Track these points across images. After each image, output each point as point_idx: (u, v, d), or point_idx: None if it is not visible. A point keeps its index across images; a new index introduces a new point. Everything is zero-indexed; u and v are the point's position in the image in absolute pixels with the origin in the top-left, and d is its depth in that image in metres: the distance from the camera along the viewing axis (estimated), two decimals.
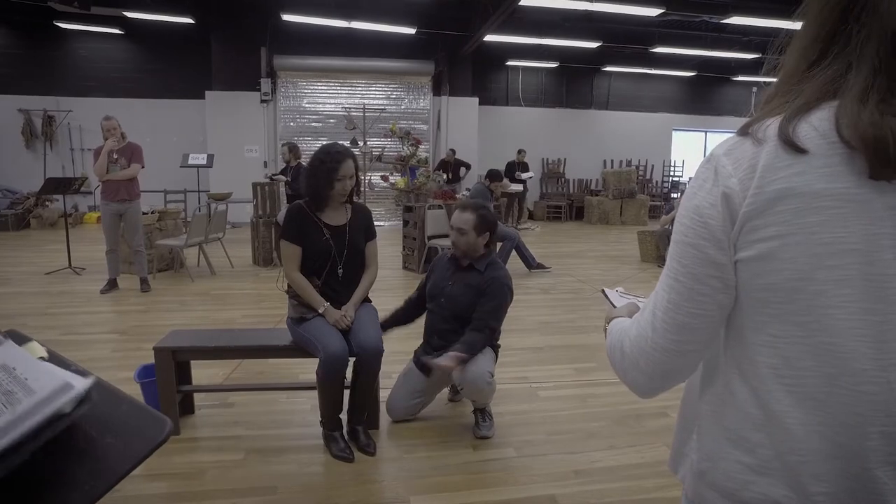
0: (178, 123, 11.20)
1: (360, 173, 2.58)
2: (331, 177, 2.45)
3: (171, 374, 2.56)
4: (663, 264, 4.86)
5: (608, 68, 13.10)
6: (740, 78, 13.93)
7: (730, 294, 0.72)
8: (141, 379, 2.74)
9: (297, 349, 2.55)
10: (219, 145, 10.54)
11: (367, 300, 2.70)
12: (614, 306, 1.06)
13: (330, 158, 2.46)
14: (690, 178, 0.87)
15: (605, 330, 0.96)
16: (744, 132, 0.73)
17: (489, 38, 10.07)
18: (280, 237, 2.55)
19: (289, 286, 2.61)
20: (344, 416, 2.57)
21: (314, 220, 2.54)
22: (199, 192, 9.60)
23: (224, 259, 6.64)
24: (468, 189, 9.03)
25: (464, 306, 2.62)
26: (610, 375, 3.50)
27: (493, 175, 6.43)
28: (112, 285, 5.47)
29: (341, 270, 2.55)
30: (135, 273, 5.63)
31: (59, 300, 5.15)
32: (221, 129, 10.74)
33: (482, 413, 2.71)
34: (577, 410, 3.02)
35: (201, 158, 9.20)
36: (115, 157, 5.17)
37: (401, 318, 2.86)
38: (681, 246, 0.74)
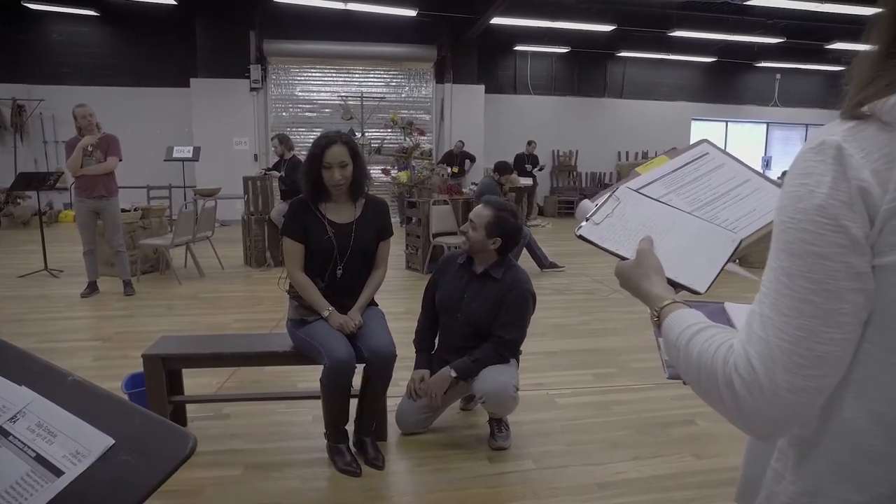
0: (160, 114, 11.18)
1: (362, 161, 2.53)
2: (317, 165, 2.42)
3: (161, 383, 2.55)
4: None
5: (623, 53, 13.08)
6: (763, 64, 13.92)
7: (869, 308, 0.65)
8: (129, 389, 2.73)
9: (299, 355, 2.54)
10: (205, 137, 10.52)
11: (373, 303, 2.69)
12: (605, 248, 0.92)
13: (316, 144, 2.44)
14: (785, 173, 0.80)
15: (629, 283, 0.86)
16: (857, 115, 0.66)
17: (496, 20, 10.06)
18: (281, 233, 2.54)
19: (290, 287, 2.59)
20: (350, 427, 2.56)
21: (317, 216, 2.52)
22: (184, 187, 9.58)
23: (213, 259, 6.63)
24: (474, 184, 9.03)
25: (485, 322, 2.58)
26: (632, 381, 3.50)
27: (501, 167, 6.43)
28: (92, 288, 5.46)
29: (340, 271, 2.53)
30: (117, 275, 5.62)
31: (35, 305, 5.15)
32: (208, 120, 10.73)
33: (499, 423, 2.70)
34: (599, 419, 3.02)
35: (186, 151, 9.19)
36: (90, 149, 5.16)
37: (430, 344, 2.83)
38: (806, 259, 0.64)
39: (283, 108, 11.36)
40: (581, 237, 0.97)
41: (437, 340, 2.84)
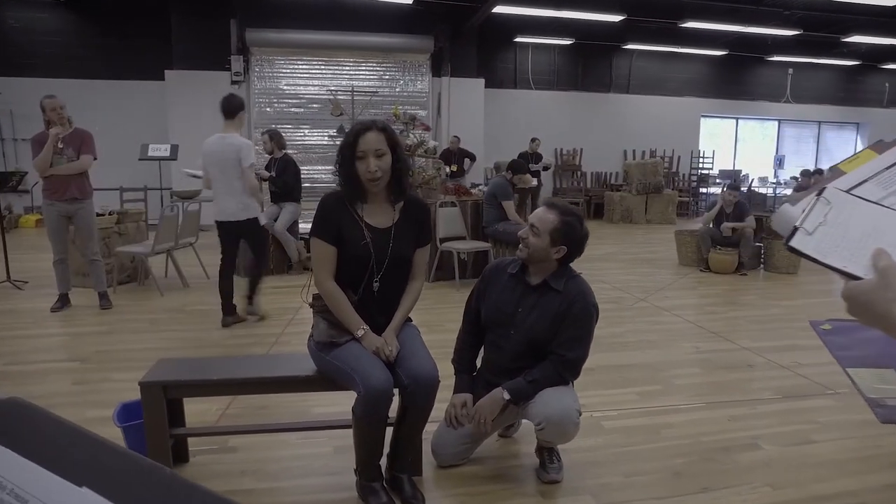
0: (133, 109, 10.92)
1: (402, 153, 2.32)
2: (350, 155, 2.22)
3: (162, 415, 2.33)
4: (706, 268, 4.77)
5: (629, 46, 13.04)
6: (776, 58, 13.97)
7: None
8: (123, 422, 2.50)
9: (326, 381, 2.33)
10: (183, 134, 10.26)
11: (407, 319, 2.49)
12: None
13: (349, 133, 2.25)
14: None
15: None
16: None
17: (499, 9, 9.93)
18: (311, 233, 2.31)
19: (315, 299, 2.38)
20: (383, 462, 2.35)
21: (354, 217, 2.31)
22: (161, 189, 9.31)
23: (197, 268, 6.38)
24: (477, 184, 8.85)
25: (543, 339, 2.39)
26: (681, 400, 3.35)
27: (516, 167, 6.25)
28: (64, 302, 5.21)
29: (377, 284, 2.32)
30: (91, 287, 5.37)
31: None
32: (185, 116, 10.47)
33: (550, 452, 2.52)
34: (653, 444, 2.86)
35: (163, 150, 8.94)
36: (61, 146, 4.92)
37: (472, 364, 2.63)
38: None
39: (268, 102, 11.15)
40: (794, 250, 0.82)
41: (479, 360, 2.65)
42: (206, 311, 5.17)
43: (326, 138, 11.31)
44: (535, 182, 9.04)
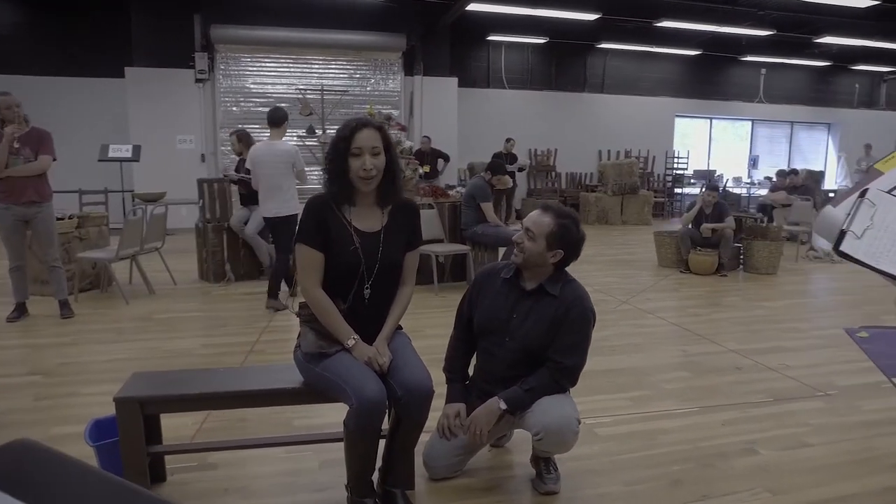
0: (93, 107, 10.63)
1: (395, 154, 2.28)
2: (345, 151, 2.16)
3: (139, 432, 2.23)
4: (686, 269, 4.82)
5: (604, 45, 13.17)
6: (749, 58, 14.27)
7: None
8: (96, 441, 2.38)
9: (315, 394, 2.26)
10: (145, 134, 10.07)
11: (397, 327, 2.43)
12: None
13: (343, 128, 2.19)
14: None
15: None
16: None
17: (472, 7, 9.92)
18: (297, 239, 2.24)
19: (301, 307, 2.30)
20: (375, 476, 2.29)
21: (341, 221, 2.24)
22: (122, 191, 9.08)
23: (163, 274, 6.22)
24: (453, 186, 8.83)
25: (539, 346, 2.35)
26: (673, 405, 3.37)
27: (495, 167, 6.24)
28: (21, 311, 5.01)
29: (368, 291, 2.26)
30: (51, 295, 5.18)
31: None
32: (147, 115, 10.29)
33: (547, 462, 2.49)
34: (649, 451, 2.85)
35: (125, 150, 8.72)
36: (17, 146, 4.74)
37: (464, 372, 2.59)
38: None
39: (234, 101, 10.97)
40: (845, 255, 0.81)
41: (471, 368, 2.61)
42: (174, 319, 5.04)
43: (295, 139, 11.16)
44: (511, 183, 9.05)
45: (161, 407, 2.29)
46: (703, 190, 7.42)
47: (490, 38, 12.49)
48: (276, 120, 5.33)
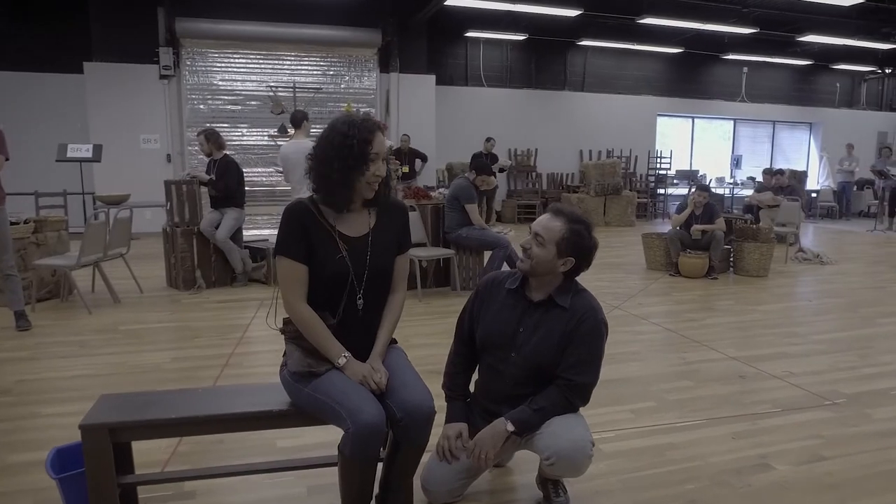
0: (49, 104, 10.29)
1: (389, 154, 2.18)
2: (362, 155, 2.03)
3: (108, 462, 2.05)
4: (676, 272, 4.74)
5: (584, 42, 13.17)
6: (731, 56, 14.41)
7: None
8: (59, 473, 2.19)
9: (305, 416, 2.11)
10: (106, 133, 9.80)
11: (392, 341, 2.30)
12: None
13: (358, 130, 2.03)
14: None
15: None
16: None
17: (450, 1, 9.82)
18: (276, 251, 2.10)
19: (286, 323, 2.15)
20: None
21: (325, 228, 2.11)
22: (83, 194, 8.76)
23: (129, 281, 5.98)
24: (434, 187, 8.70)
25: (547, 362, 2.23)
26: (678, 417, 3.29)
27: (480, 167, 6.13)
28: None
29: (361, 301, 2.13)
30: (5, 305, 4.94)
31: None
32: (108, 113, 10.01)
33: (555, 484, 2.37)
34: (659, 468, 2.75)
35: (85, 150, 8.42)
36: None
37: (465, 389, 2.47)
38: None
39: (201, 99, 10.71)
40: None
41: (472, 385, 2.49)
42: (142, 330, 4.82)
43: (266, 138, 10.96)
44: (496, 184, 8.95)
45: (133, 434, 2.12)
46: (693, 190, 7.40)
47: (468, 34, 12.40)
48: (297, 122, 6.17)
